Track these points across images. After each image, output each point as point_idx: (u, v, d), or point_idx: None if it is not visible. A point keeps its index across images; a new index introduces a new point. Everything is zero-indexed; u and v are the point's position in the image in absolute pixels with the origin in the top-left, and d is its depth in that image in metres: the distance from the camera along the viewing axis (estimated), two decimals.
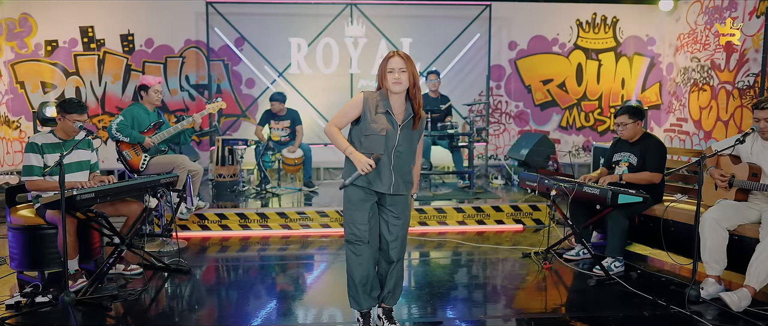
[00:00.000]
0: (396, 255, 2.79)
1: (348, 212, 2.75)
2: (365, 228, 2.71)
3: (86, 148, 3.69)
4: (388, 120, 2.66)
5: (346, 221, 2.76)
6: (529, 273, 3.88)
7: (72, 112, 3.45)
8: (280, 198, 5.77)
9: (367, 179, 2.68)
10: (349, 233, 2.75)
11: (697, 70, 6.95)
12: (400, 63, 2.62)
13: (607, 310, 3.18)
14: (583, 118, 7.76)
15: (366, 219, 2.71)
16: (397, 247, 2.78)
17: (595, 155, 5.86)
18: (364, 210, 2.71)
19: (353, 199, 2.73)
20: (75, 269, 3.37)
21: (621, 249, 3.81)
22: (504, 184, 6.63)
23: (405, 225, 2.81)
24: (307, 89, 7.28)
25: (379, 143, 2.64)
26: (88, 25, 6.88)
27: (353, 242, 2.74)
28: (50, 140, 3.50)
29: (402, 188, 2.73)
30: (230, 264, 4.27)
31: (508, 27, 7.48)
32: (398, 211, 2.76)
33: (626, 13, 7.57)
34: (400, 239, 2.79)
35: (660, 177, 3.82)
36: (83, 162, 3.64)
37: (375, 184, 2.69)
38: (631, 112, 3.87)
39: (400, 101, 2.69)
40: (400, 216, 2.77)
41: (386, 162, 2.67)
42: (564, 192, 3.75)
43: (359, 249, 2.73)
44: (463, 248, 4.61)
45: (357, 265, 2.75)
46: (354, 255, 2.75)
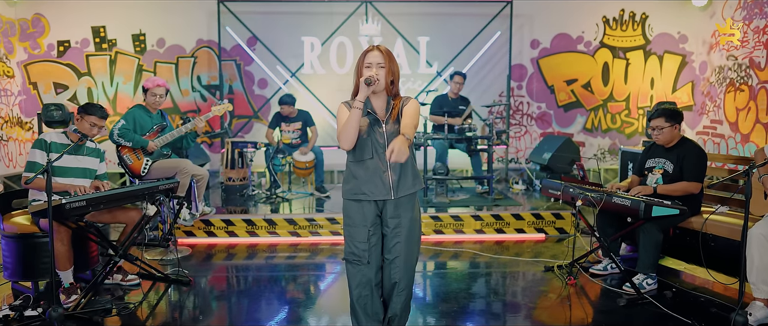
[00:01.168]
0: (398, 275, 2.52)
1: (347, 229, 2.53)
2: (364, 247, 2.47)
3: (95, 157, 3.54)
4: (371, 120, 2.45)
5: (346, 239, 2.54)
6: (551, 289, 3.58)
7: (92, 113, 3.34)
8: (291, 203, 5.56)
9: (363, 189, 2.45)
10: (347, 251, 2.53)
11: (733, 68, 6.52)
12: (379, 58, 2.42)
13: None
14: (610, 119, 7.38)
15: (365, 238, 2.47)
16: (400, 267, 2.51)
17: (623, 160, 5.50)
18: (363, 227, 2.47)
19: (352, 215, 2.50)
20: (70, 282, 3.19)
21: (654, 265, 3.49)
22: (525, 190, 6.31)
23: (409, 241, 2.51)
24: (320, 89, 7.07)
25: (366, 147, 2.44)
26: (100, 25, 6.78)
27: (352, 261, 2.51)
28: (61, 140, 3.38)
29: (406, 187, 2.49)
30: (237, 273, 4.08)
31: (530, 24, 7.14)
32: (401, 224, 2.49)
33: (656, 9, 7.17)
34: (403, 257, 2.50)
35: (699, 188, 3.48)
36: (89, 169, 3.49)
37: (374, 193, 2.45)
38: (669, 114, 3.54)
39: (382, 100, 2.49)
40: (403, 231, 2.49)
41: (377, 165, 2.44)
42: (591, 202, 3.44)
43: (358, 269, 2.50)
44: (481, 259, 4.33)
45: (356, 286, 2.52)
46: (353, 276, 2.52)
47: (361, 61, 2.45)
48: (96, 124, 3.38)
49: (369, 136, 2.44)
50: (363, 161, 2.45)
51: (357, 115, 2.35)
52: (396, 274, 2.52)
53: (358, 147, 2.46)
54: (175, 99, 6.98)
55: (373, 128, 2.44)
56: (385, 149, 2.42)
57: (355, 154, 2.47)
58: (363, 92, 2.34)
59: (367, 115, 2.45)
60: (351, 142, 2.40)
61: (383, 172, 2.44)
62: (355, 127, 2.37)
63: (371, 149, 2.44)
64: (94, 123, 3.37)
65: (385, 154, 2.41)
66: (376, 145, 2.44)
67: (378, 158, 2.44)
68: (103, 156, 3.62)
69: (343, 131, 2.39)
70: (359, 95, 2.35)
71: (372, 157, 2.44)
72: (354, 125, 2.36)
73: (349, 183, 2.52)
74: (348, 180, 2.52)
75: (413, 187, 2.52)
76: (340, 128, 2.41)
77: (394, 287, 2.54)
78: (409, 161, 2.49)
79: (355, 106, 2.35)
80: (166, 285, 3.63)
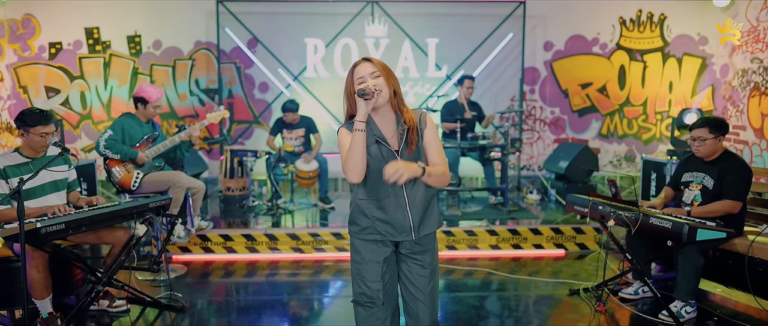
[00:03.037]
0: (427, 317, 2.15)
1: (355, 266, 2.13)
2: (378, 287, 2.09)
3: (62, 163, 3.19)
4: (381, 151, 2.04)
5: (354, 277, 2.14)
6: (580, 317, 3.26)
7: (35, 124, 2.91)
8: (293, 215, 5.25)
9: (379, 229, 2.07)
10: (357, 293, 2.13)
11: (758, 72, 6.19)
12: (370, 67, 2.00)
13: None
14: (626, 125, 7.05)
15: (379, 276, 2.09)
16: (428, 306, 2.15)
17: (646, 170, 5.17)
18: (376, 264, 2.09)
19: (362, 251, 2.11)
20: (49, 312, 2.87)
21: (694, 291, 3.16)
22: (540, 200, 5.99)
23: (434, 275, 2.17)
24: (324, 94, 6.75)
25: (382, 185, 2.02)
26: (93, 26, 6.48)
27: (363, 304, 2.11)
28: (15, 160, 2.98)
29: (428, 226, 2.12)
30: (236, 293, 3.77)
31: (543, 26, 6.82)
32: (424, 259, 2.13)
33: (675, 10, 6.84)
34: (429, 294, 2.14)
35: (739, 207, 3.15)
36: (59, 181, 3.15)
37: (392, 234, 2.08)
38: (713, 124, 3.21)
39: (389, 120, 2.06)
40: (427, 266, 2.13)
41: (396, 205, 2.05)
42: (625, 222, 3.12)
43: (370, 313, 2.11)
44: (497, 277, 4.02)
45: None
46: (364, 321, 2.12)
47: (350, 80, 2.03)
48: (46, 132, 2.94)
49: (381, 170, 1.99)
50: (378, 200, 2.06)
51: (361, 139, 1.93)
52: (424, 315, 2.15)
53: (369, 183, 2.06)
54: (173, 103, 6.68)
55: (385, 161, 2.01)
56: (404, 186, 2.04)
57: (367, 190, 2.07)
58: (362, 109, 1.91)
59: (375, 144, 2.05)
60: (360, 174, 1.97)
61: (403, 211, 2.06)
62: (360, 153, 1.94)
63: (388, 188, 2.04)
64: (44, 132, 2.94)
65: (402, 190, 2.05)
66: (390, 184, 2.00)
67: (395, 196, 2.05)
68: (70, 161, 3.23)
69: (347, 161, 1.96)
70: (358, 114, 1.91)
71: (389, 196, 2.05)
72: (359, 152, 1.94)
73: (358, 223, 2.11)
74: (357, 220, 2.12)
75: (437, 225, 2.16)
76: (344, 158, 1.99)
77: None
78: (431, 196, 2.13)
79: (356, 127, 1.92)
80: (158, 310, 3.32)
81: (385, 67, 2.04)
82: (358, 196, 2.10)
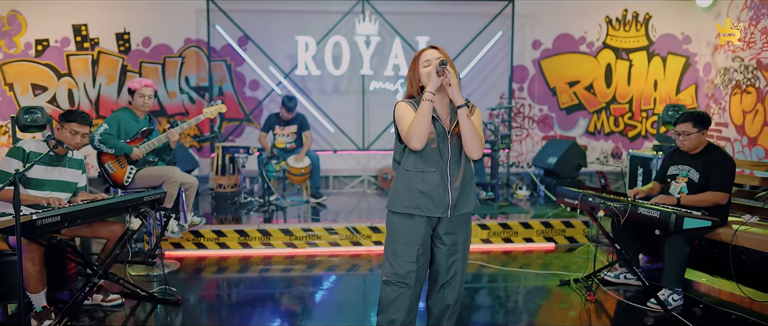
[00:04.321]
0: (453, 296, 2.26)
1: (390, 245, 2.24)
2: (412, 269, 2.19)
3: (77, 168, 3.21)
4: (437, 128, 2.19)
5: (387, 256, 2.24)
6: (570, 306, 3.33)
7: (71, 120, 2.99)
8: (285, 212, 5.26)
9: (418, 203, 2.18)
10: (389, 272, 2.22)
11: (739, 70, 6.35)
12: (436, 53, 2.22)
13: None
14: (613, 122, 7.18)
15: (414, 257, 2.19)
16: (456, 287, 2.26)
17: (633, 165, 5.28)
18: (413, 245, 2.19)
19: (399, 231, 2.21)
20: (43, 306, 2.86)
21: (680, 279, 3.25)
22: (529, 195, 6.08)
23: (464, 259, 2.29)
24: (315, 91, 6.77)
25: (432, 158, 2.18)
26: (82, 24, 6.42)
27: (394, 283, 2.21)
28: (42, 149, 3.01)
29: (465, 206, 2.23)
30: (229, 288, 3.78)
31: (531, 25, 6.92)
32: (458, 240, 2.25)
33: (660, 10, 6.99)
34: (460, 275, 2.27)
35: (727, 198, 3.25)
36: (69, 183, 3.15)
37: (430, 209, 2.18)
38: (696, 119, 3.30)
39: (445, 102, 2.24)
40: (459, 247, 2.25)
41: (439, 180, 2.18)
42: (614, 213, 3.19)
43: (399, 293, 2.20)
44: (488, 269, 4.08)
45: (393, 311, 2.22)
46: (391, 300, 2.22)
47: (417, 63, 2.24)
48: (78, 131, 3.03)
49: (435, 146, 2.18)
50: (423, 172, 2.19)
51: (428, 109, 2.09)
52: (450, 295, 2.27)
53: (421, 154, 2.19)
54: (162, 101, 6.64)
55: (437, 138, 2.19)
56: (449, 163, 2.19)
57: (416, 161, 2.20)
58: (433, 82, 2.10)
59: (434, 121, 2.19)
60: (422, 140, 2.12)
61: (444, 188, 2.18)
62: (426, 122, 2.10)
63: (435, 161, 2.18)
64: (76, 130, 3.02)
65: (447, 168, 2.17)
66: (439, 156, 2.19)
67: (440, 172, 2.18)
68: (84, 167, 3.30)
69: (414, 127, 2.10)
70: (430, 86, 2.11)
71: (435, 170, 2.18)
72: (426, 120, 2.09)
73: (399, 194, 2.23)
74: (399, 191, 2.23)
75: (474, 206, 2.28)
76: (411, 124, 2.12)
77: (447, 310, 2.29)
78: (472, 178, 2.28)
79: (426, 97, 2.10)
80: (152, 304, 3.32)
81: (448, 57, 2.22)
82: (406, 166, 2.22)
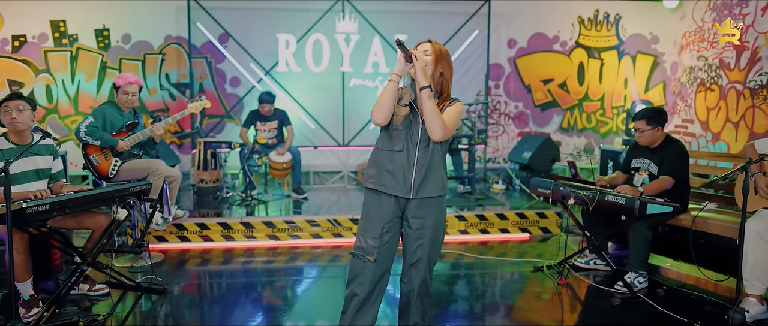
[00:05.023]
0: (418, 280, 2.38)
1: (362, 222, 2.39)
2: (375, 244, 2.33)
3: (46, 154, 3.23)
4: (411, 113, 2.33)
5: (358, 231, 2.40)
6: (544, 290, 3.51)
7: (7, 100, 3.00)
8: (267, 206, 5.34)
9: (383, 181, 2.32)
10: (356, 245, 2.38)
11: (704, 69, 6.65)
12: (426, 46, 2.35)
13: None
14: (585, 119, 7.44)
15: (378, 234, 2.33)
16: (421, 271, 2.37)
17: (603, 158, 5.52)
18: (378, 222, 2.33)
19: (369, 208, 2.37)
20: (30, 294, 2.91)
21: (644, 263, 3.45)
22: (505, 189, 6.27)
23: (433, 245, 2.38)
24: (295, 88, 6.86)
25: (400, 139, 2.32)
26: (60, 19, 6.39)
27: (359, 257, 2.36)
28: (3, 146, 3.03)
29: (428, 190, 2.33)
30: (213, 279, 3.84)
31: (507, 24, 7.13)
32: (425, 225, 2.34)
33: (629, 10, 7.27)
34: (425, 260, 2.37)
35: (672, 183, 3.44)
36: (43, 170, 3.18)
37: (393, 188, 2.31)
38: (650, 116, 3.51)
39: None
40: (426, 233, 2.35)
41: (405, 160, 2.31)
42: (583, 200, 3.38)
43: (362, 266, 2.35)
44: (466, 259, 4.23)
45: (357, 284, 2.36)
46: (355, 272, 2.37)
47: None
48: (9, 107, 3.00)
49: (405, 128, 2.32)
50: (392, 151, 2.33)
51: (391, 89, 2.25)
52: (415, 278, 2.38)
53: (391, 133, 2.34)
54: (142, 98, 6.65)
55: (410, 121, 2.32)
56: (418, 147, 2.31)
57: (386, 139, 2.36)
58: (399, 66, 2.26)
59: (408, 105, 2.33)
60: (383, 118, 2.27)
61: (408, 170, 2.31)
62: (388, 100, 2.25)
63: (403, 142, 2.32)
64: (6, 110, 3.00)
65: (415, 150, 2.30)
66: (409, 139, 2.32)
67: (407, 153, 2.31)
68: (56, 152, 3.30)
69: (376, 103, 2.27)
70: (396, 68, 2.26)
71: (402, 150, 2.32)
72: (388, 99, 2.25)
73: (371, 169, 2.39)
74: (371, 166, 2.40)
75: (439, 191, 2.37)
76: (376, 101, 2.29)
77: (412, 292, 2.41)
78: (439, 165, 2.37)
79: (391, 78, 2.25)
80: (138, 294, 3.38)
81: (441, 52, 2.33)
82: (378, 144, 2.39)
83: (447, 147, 2.44)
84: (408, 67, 2.26)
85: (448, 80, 2.34)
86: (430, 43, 2.37)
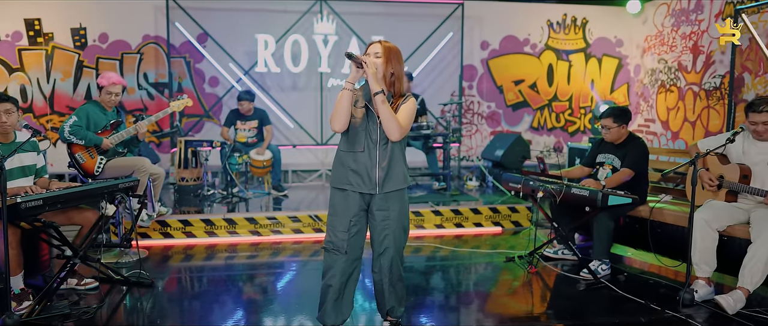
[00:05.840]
0: (387, 267, 2.56)
1: (329, 217, 2.55)
2: (345, 238, 2.50)
3: (31, 151, 3.30)
4: (368, 114, 2.49)
5: (327, 227, 2.56)
6: (515, 278, 3.74)
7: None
8: (248, 203, 5.45)
9: (350, 180, 2.48)
10: (327, 240, 2.54)
11: (664, 71, 7.04)
12: (377, 48, 2.47)
13: (603, 316, 3.07)
14: (554, 118, 7.76)
15: (346, 228, 2.49)
16: (389, 258, 2.55)
17: (571, 155, 5.81)
18: (346, 217, 2.50)
19: (336, 205, 2.53)
20: (21, 288, 2.98)
21: (607, 251, 3.72)
22: (479, 185, 6.52)
23: (397, 234, 2.56)
24: (274, 88, 6.97)
25: (360, 140, 2.47)
26: (35, 18, 6.35)
27: (330, 250, 2.53)
28: None
29: (392, 184, 2.51)
30: (196, 275, 3.95)
31: (480, 26, 7.39)
32: (390, 216, 2.52)
33: (595, 15, 7.62)
34: (392, 248, 2.55)
35: (632, 175, 3.72)
36: (28, 166, 3.25)
37: (360, 186, 2.48)
38: (616, 114, 3.79)
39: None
40: (391, 223, 2.52)
41: (368, 159, 2.47)
42: (551, 194, 3.63)
43: (334, 259, 2.51)
44: (442, 251, 4.44)
45: (330, 276, 2.53)
46: (328, 265, 2.54)
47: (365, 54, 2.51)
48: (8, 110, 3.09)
49: (364, 128, 2.47)
50: (354, 152, 2.48)
51: (347, 97, 2.39)
52: (385, 265, 2.56)
53: (350, 136, 2.48)
54: None
55: (368, 121, 2.47)
56: (378, 145, 2.46)
57: (348, 142, 2.50)
58: (352, 74, 2.41)
59: (365, 107, 2.48)
60: (341, 125, 2.42)
61: (371, 168, 2.47)
62: (345, 108, 2.39)
63: (364, 142, 2.47)
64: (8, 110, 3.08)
65: (376, 148, 2.45)
66: (368, 139, 2.47)
67: (368, 153, 2.47)
68: (39, 148, 3.37)
69: (334, 112, 2.42)
70: (350, 76, 2.41)
71: (363, 150, 2.47)
72: (345, 106, 2.39)
73: (336, 171, 2.54)
74: (336, 167, 2.55)
75: (402, 184, 2.54)
76: (333, 110, 2.44)
77: (383, 279, 2.58)
78: (400, 159, 2.53)
79: (345, 86, 2.40)
80: (126, 288, 3.47)
81: (391, 51, 2.46)
82: (340, 147, 2.53)
83: (406, 141, 2.61)
84: (359, 73, 2.40)
85: (400, 78, 2.49)
86: (380, 43, 2.48)
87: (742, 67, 5.59)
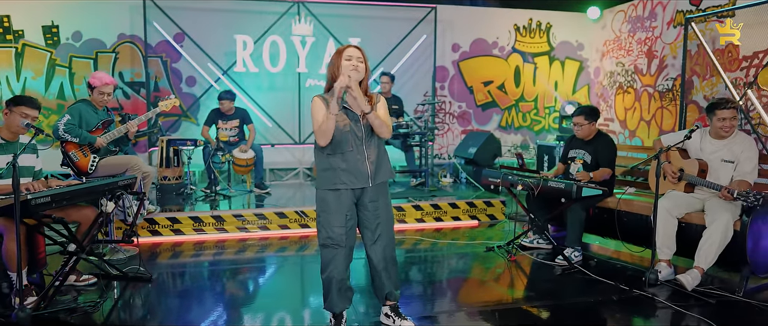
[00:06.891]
0: (382, 250, 2.75)
1: (323, 215, 2.68)
2: (342, 232, 2.66)
3: (30, 152, 3.34)
4: (348, 115, 2.67)
5: (321, 224, 2.69)
6: (496, 266, 4.03)
7: (20, 104, 3.13)
8: (231, 201, 5.54)
9: (343, 179, 2.64)
10: (324, 237, 2.68)
11: (621, 74, 7.54)
12: (358, 53, 2.64)
13: (579, 296, 3.39)
14: (521, 118, 8.15)
15: (343, 222, 2.66)
16: (385, 242, 2.75)
17: (540, 152, 6.18)
18: (341, 213, 2.66)
19: (329, 202, 2.67)
20: (25, 283, 3.03)
21: (579, 239, 4.06)
22: (453, 182, 6.81)
23: (388, 221, 2.78)
24: (252, 88, 7.05)
25: (347, 140, 2.64)
26: (4, 15, 6.21)
27: (329, 246, 2.67)
28: None
29: (383, 175, 2.73)
30: (185, 270, 4.04)
31: (452, 29, 7.69)
32: (380, 206, 2.72)
33: (559, 20, 8.06)
34: (386, 234, 2.76)
35: (610, 173, 4.09)
36: (27, 167, 3.29)
37: (354, 182, 2.66)
38: (587, 113, 4.14)
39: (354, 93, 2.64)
40: (381, 212, 2.73)
41: (358, 156, 2.66)
42: (530, 187, 3.93)
43: (334, 253, 2.67)
44: (424, 244, 4.69)
45: (332, 269, 2.68)
46: (328, 259, 2.69)
47: (339, 58, 2.62)
48: (28, 115, 3.16)
49: (349, 129, 2.64)
50: (343, 153, 2.64)
51: (332, 120, 2.55)
52: (381, 251, 2.75)
53: (336, 141, 2.63)
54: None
55: (350, 121, 2.65)
56: (364, 141, 2.66)
57: (333, 146, 2.64)
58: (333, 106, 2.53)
59: (343, 109, 2.64)
60: (327, 140, 2.59)
61: (362, 163, 2.66)
62: (331, 128, 2.56)
63: (351, 141, 2.64)
64: (26, 113, 3.16)
65: (363, 146, 2.64)
66: (355, 137, 2.65)
67: (357, 150, 2.65)
68: (37, 150, 3.42)
69: (320, 132, 2.56)
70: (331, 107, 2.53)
71: (352, 149, 2.65)
72: (331, 128, 2.56)
73: (325, 174, 2.67)
74: (324, 171, 2.67)
75: (390, 175, 2.79)
76: (317, 128, 2.58)
77: (380, 266, 2.76)
78: (384, 152, 2.77)
79: (331, 111, 2.53)
80: (124, 283, 3.54)
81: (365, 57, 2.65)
82: (327, 151, 2.65)
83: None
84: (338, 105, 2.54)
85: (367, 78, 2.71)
86: (359, 49, 2.63)
87: (691, 70, 6.10)
